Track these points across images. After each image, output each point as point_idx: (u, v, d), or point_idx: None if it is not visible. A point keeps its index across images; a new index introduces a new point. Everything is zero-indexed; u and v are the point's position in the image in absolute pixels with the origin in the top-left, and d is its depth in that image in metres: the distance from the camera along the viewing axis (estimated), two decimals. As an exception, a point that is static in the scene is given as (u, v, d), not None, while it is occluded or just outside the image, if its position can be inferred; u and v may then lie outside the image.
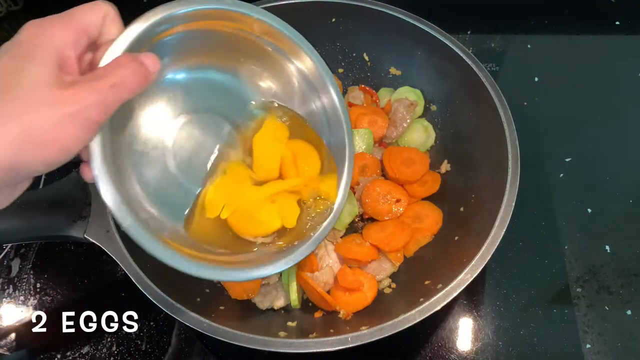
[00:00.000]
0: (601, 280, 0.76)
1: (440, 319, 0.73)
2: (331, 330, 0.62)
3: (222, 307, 0.68)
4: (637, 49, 1.05)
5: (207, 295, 0.70)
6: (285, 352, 0.56)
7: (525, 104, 0.96)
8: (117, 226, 0.63)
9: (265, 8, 0.84)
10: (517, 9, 1.11)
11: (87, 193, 0.65)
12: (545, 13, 1.09)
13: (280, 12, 0.85)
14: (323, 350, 0.56)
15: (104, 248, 0.62)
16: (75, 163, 0.79)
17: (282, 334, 0.61)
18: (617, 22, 1.07)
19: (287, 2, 0.85)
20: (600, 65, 1.02)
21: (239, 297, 0.71)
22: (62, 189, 0.66)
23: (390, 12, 0.82)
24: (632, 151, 0.90)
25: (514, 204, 0.63)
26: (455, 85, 0.82)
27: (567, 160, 0.89)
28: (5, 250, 0.81)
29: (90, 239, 0.62)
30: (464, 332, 0.72)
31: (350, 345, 0.55)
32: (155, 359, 0.71)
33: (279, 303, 0.71)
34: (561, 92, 0.97)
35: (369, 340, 0.56)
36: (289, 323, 0.67)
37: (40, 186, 0.87)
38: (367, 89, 0.92)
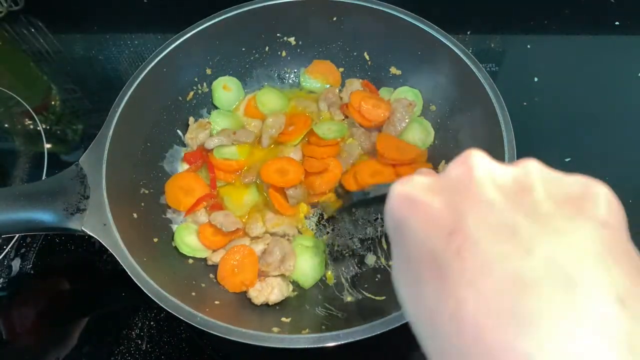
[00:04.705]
0: (601, 280, 0.76)
1: (440, 319, 0.73)
2: (323, 327, 0.62)
3: (217, 302, 0.68)
4: (637, 49, 1.05)
5: (203, 289, 0.70)
6: (278, 347, 0.56)
7: (525, 104, 0.96)
8: (114, 219, 0.64)
9: (267, 7, 0.86)
10: (517, 9, 1.11)
11: (86, 186, 0.66)
12: (545, 13, 1.09)
13: (283, 10, 0.87)
14: (315, 346, 0.56)
15: (100, 241, 0.62)
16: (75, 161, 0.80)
17: (275, 329, 0.61)
18: (617, 22, 1.07)
19: (289, 0, 0.85)
20: (600, 65, 1.01)
21: (237, 290, 0.72)
22: (61, 182, 0.66)
23: (391, 12, 0.83)
24: (632, 151, 0.90)
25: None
26: (454, 86, 0.82)
27: (567, 160, 0.89)
28: (6, 251, 0.81)
29: (88, 232, 0.63)
30: (464, 332, 0.72)
31: (342, 342, 0.55)
32: (156, 359, 0.71)
33: (274, 298, 0.71)
34: (561, 92, 0.97)
35: (360, 337, 0.55)
36: (283, 319, 0.67)
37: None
38: (370, 84, 0.93)
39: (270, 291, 0.72)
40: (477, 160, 0.29)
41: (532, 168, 0.28)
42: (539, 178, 0.27)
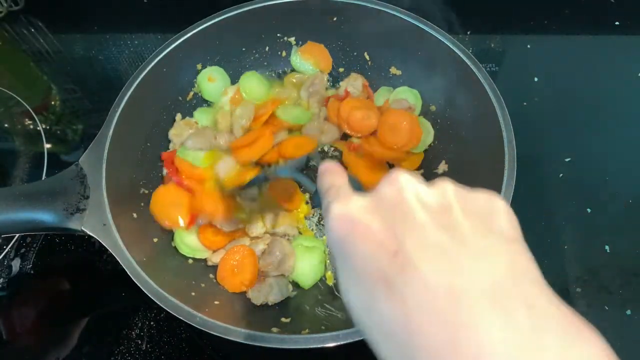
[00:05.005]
0: (601, 280, 0.76)
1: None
2: (323, 327, 0.62)
3: (216, 302, 0.68)
4: (637, 49, 1.05)
5: (203, 290, 0.70)
6: (277, 347, 0.56)
7: (524, 104, 0.95)
8: (114, 219, 0.64)
9: (267, 7, 0.86)
10: (517, 9, 1.11)
11: (86, 186, 0.66)
12: (545, 13, 1.09)
13: (283, 10, 0.87)
14: (314, 346, 0.56)
15: (100, 241, 0.62)
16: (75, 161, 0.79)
17: (275, 329, 0.61)
18: (617, 22, 1.07)
19: (289, 0, 0.85)
20: (600, 65, 1.01)
21: (236, 290, 0.72)
22: (61, 181, 0.66)
23: (391, 12, 0.83)
24: (632, 151, 0.90)
25: (509, 204, 0.63)
26: (454, 86, 0.82)
27: (567, 160, 0.89)
28: (6, 251, 0.81)
29: (88, 232, 0.63)
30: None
31: (342, 342, 0.55)
32: (156, 359, 0.71)
33: (274, 298, 0.71)
34: (561, 92, 0.97)
35: (360, 337, 0.55)
36: (283, 319, 0.67)
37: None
38: (367, 87, 0.92)
39: (270, 291, 0.72)
40: (404, 181, 0.33)
41: (448, 188, 0.33)
42: (454, 197, 0.32)
